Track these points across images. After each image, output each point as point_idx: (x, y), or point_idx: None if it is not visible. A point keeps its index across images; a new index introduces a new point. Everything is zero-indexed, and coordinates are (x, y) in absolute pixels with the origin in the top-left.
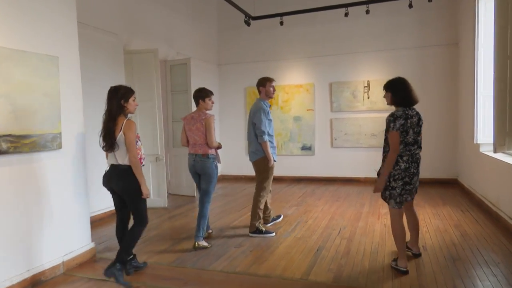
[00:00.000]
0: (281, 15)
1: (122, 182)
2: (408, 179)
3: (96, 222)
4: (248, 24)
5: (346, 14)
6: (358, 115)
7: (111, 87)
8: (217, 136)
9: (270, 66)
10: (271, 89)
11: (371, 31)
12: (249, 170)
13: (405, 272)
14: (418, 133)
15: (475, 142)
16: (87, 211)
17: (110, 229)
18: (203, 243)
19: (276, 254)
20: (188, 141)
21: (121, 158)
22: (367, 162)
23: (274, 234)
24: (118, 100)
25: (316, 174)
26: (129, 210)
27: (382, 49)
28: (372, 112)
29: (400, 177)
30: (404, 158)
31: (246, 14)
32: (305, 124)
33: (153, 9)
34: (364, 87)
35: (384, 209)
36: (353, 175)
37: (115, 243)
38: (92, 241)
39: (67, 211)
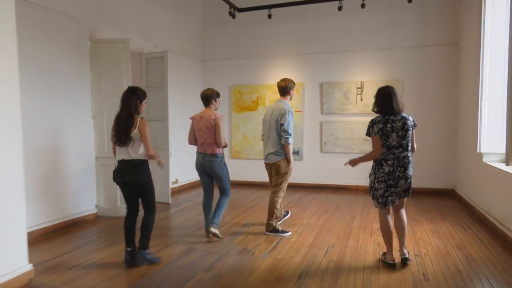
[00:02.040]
0: (269, 7)
1: (137, 174)
2: (393, 182)
3: (38, 239)
4: (233, 16)
5: (340, 8)
6: (350, 119)
7: (129, 87)
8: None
9: (257, 64)
10: (293, 92)
11: (366, 28)
12: (233, 173)
13: (392, 265)
14: (404, 137)
15: (478, 151)
16: (24, 226)
17: (54, 246)
18: (217, 231)
19: (250, 282)
20: (195, 140)
21: (134, 152)
22: (358, 169)
23: (290, 233)
24: (136, 100)
25: (303, 181)
26: (142, 200)
27: (377, 48)
28: (365, 115)
29: (383, 180)
30: (389, 162)
31: (231, 5)
32: (293, 127)
33: None
34: (357, 88)
35: (376, 224)
36: (344, 183)
37: (58, 263)
38: (29, 263)
39: None
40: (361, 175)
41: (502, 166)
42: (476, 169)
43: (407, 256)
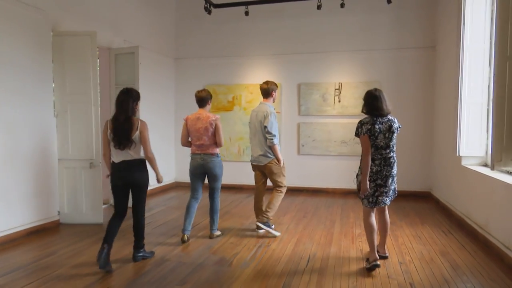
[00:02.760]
0: (246, 4)
1: (139, 173)
2: (382, 182)
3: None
4: (208, 11)
5: (319, 7)
6: (328, 120)
7: (124, 89)
8: (174, 139)
9: (233, 63)
10: (275, 94)
11: (344, 29)
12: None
13: (378, 265)
14: (390, 138)
15: (457, 155)
16: None
17: (9, 259)
18: (218, 233)
19: None
20: (189, 142)
21: (136, 153)
22: (336, 172)
23: (279, 234)
24: (132, 102)
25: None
26: (135, 200)
27: (356, 49)
28: (343, 117)
29: (372, 179)
30: (376, 162)
31: (207, 0)
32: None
33: None
34: (335, 89)
35: (357, 229)
36: (321, 186)
37: (12, 279)
38: None
39: None
40: (339, 178)
41: (483, 170)
42: (454, 172)
43: (387, 255)
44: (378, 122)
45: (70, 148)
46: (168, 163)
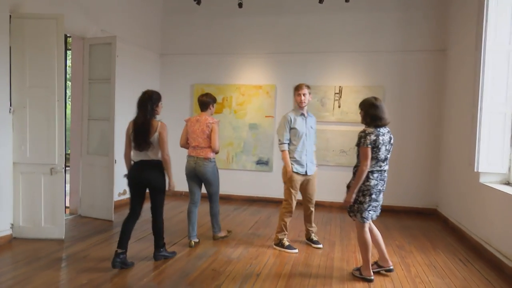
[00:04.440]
0: None
1: (152, 173)
2: (375, 196)
3: None
4: (198, 1)
5: (321, 0)
6: (326, 127)
7: (145, 93)
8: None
9: (225, 61)
10: (297, 97)
11: (346, 28)
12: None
13: (371, 280)
14: (389, 151)
15: (475, 170)
16: None
17: None
18: (221, 234)
19: None
20: (187, 143)
21: (154, 154)
22: (334, 184)
23: (296, 251)
24: (152, 104)
25: (273, 195)
26: (153, 202)
27: (358, 50)
28: (342, 124)
29: (369, 193)
30: (375, 175)
31: None
32: (262, 134)
33: None
34: (335, 93)
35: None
36: (317, 199)
37: None
38: None
39: None
40: (336, 191)
41: (506, 189)
42: (469, 190)
43: (391, 267)
44: (380, 134)
45: (28, 150)
46: None
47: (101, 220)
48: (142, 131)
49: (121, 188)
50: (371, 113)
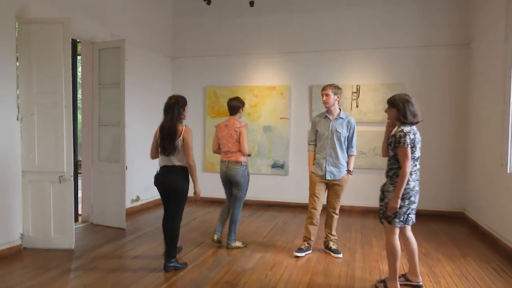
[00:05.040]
0: None
1: (177, 180)
2: (414, 198)
3: None
4: (208, 1)
5: None
6: None
7: (171, 98)
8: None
9: (237, 62)
10: (322, 97)
11: (363, 24)
12: (205, 189)
13: None
14: (420, 149)
15: (508, 171)
16: None
17: None
18: (236, 244)
19: None
20: (219, 149)
21: (179, 160)
22: (352, 187)
23: (341, 255)
24: (178, 109)
25: (289, 200)
26: (172, 205)
27: (376, 47)
28: (361, 124)
29: (408, 196)
30: (413, 176)
31: None
32: (277, 136)
33: None
34: (353, 93)
35: (385, 265)
36: None
37: None
38: None
39: None
40: (356, 194)
41: None
42: (502, 193)
43: (421, 283)
44: (416, 132)
45: (36, 158)
46: None
47: (113, 228)
48: (169, 135)
49: (134, 194)
50: (407, 110)
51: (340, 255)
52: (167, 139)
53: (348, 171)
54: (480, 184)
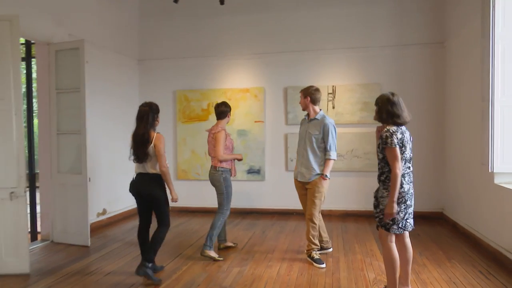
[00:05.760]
0: None
1: (150, 187)
2: (410, 202)
3: None
4: (175, 0)
5: None
6: None
7: (145, 104)
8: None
9: (209, 65)
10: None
11: (338, 23)
12: (179, 198)
13: None
14: (411, 149)
15: (490, 171)
16: None
17: None
18: (210, 253)
19: None
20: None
21: (151, 167)
22: (330, 190)
23: (324, 266)
24: (153, 116)
25: (267, 206)
26: (155, 213)
27: (351, 46)
28: (337, 126)
29: (403, 200)
30: (406, 178)
31: None
32: (252, 140)
33: None
34: (329, 94)
35: (371, 273)
36: None
37: None
38: None
39: None
40: (335, 197)
41: None
42: (483, 192)
43: None
44: (404, 131)
45: None
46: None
47: (76, 246)
48: (141, 142)
49: (100, 207)
50: (386, 110)
51: (323, 265)
52: (140, 146)
53: (321, 175)
54: (460, 184)
